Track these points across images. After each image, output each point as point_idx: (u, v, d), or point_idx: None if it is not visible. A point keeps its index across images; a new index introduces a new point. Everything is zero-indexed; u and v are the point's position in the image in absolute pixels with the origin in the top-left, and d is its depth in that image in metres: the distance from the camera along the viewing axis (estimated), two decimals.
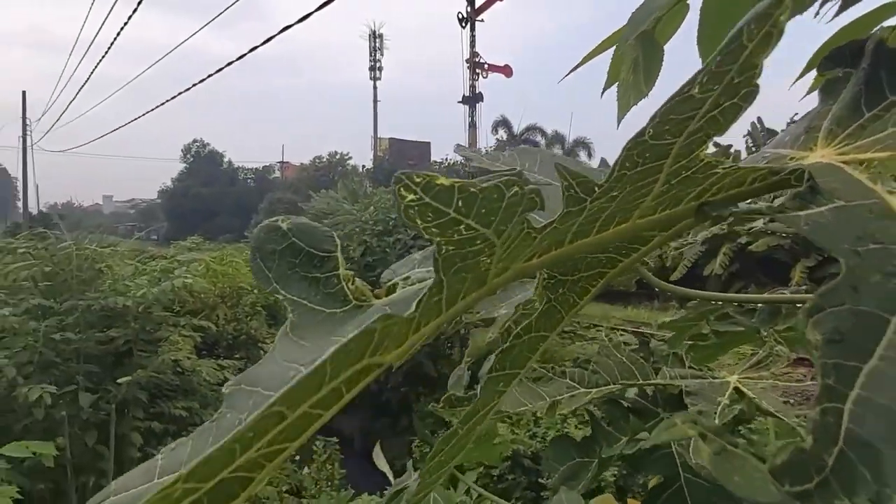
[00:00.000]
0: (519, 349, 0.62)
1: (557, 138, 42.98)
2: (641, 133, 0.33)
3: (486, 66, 29.57)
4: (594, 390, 1.12)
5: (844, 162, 0.48)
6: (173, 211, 57.39)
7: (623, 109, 0.77)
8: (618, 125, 0.77)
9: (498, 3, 28.57)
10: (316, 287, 0.48)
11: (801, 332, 0.31)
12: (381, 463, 1.77)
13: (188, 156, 59.72)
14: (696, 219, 0.42)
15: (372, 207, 11.32)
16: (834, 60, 0.65)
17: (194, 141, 60.42)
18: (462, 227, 0.30)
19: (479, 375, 0.60)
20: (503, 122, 42.47)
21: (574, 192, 0.35)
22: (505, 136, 42.59)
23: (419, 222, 0.30)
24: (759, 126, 24.48)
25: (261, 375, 0.45)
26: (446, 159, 44.79)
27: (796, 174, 0.39)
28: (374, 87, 58.63)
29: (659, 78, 0.70)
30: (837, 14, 0.64)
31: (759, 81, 0.33)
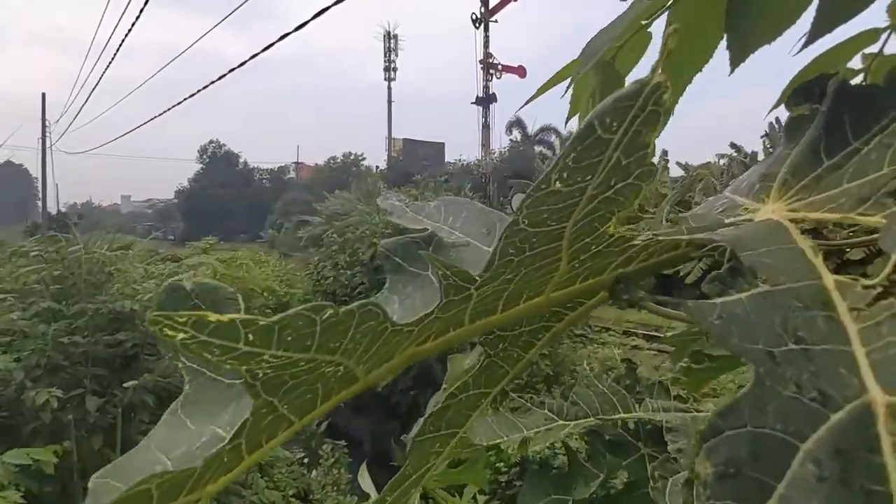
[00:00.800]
0: (455, 409, 0.58)
1: None
2: (515, 223, 0.29)
3: (499, 66, 29.49)
4: (572, 423, 1.07)
5: (793, 220, 0.43)
6: (190, 211, 58.05)
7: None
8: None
9: (512, 3, 28.49)
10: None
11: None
12: (367, 484, 1.72)
13: (204, 156, 60.38)
14: (612, 297, 0.38)
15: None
16: (802, 95, 0.60)
17: (210, 142, 61.15)
18: (267, 356, 0.26)
19: (408, 439, 0.56)
20: (517, 123, 42.32)
21: (453, 282, 0.31)
22: (519, 137, 42.46)
23: (208, 356, 0.26)
24: (777, 127, 24.13)
25: (129, 468, 0.41)
26: (460, 159, 44.82)
27: (719, 251, 0.35)
28: (389, 88, 58.82)
29: None
30: (804, 48, 0.60)
31: (655, 161, 0.29)
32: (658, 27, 0.64)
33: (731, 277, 0.34)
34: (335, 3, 9.62)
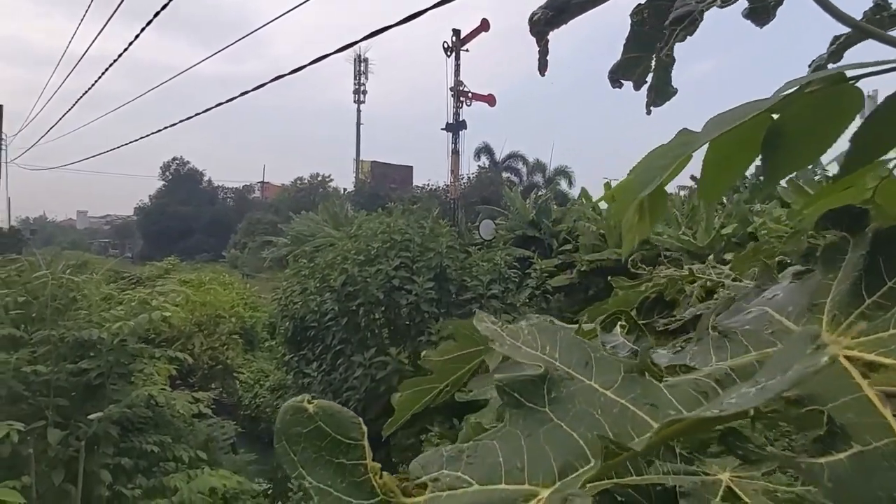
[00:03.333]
0: None
1: (539, 167, 43.55)
2: None
3: (470, 94, 29.97)
4: (588, 486, 1.12)
5: (849, 358, 0.50)
6: (149, 229, 56.64)
7: (629, 245, 0.80)
8: (624, 259, 0.80)
9: (483, 33, 29.09)
10: (342, 474, 0.48)
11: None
12: None
13: (167, 173, 59.20)
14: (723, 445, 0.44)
15: (354, 236, 11.28)
16: (831, 222, 0.68)
17: (174, 159, 60.02)
18: None
19: None
20: (485, 149, 42.97)
21: (612, 448, 0.37)
22: (487, 163, 43.04)
23: None
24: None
25: None
26: (428, 183, 45.09)
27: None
28: (358, 110, 59.06)
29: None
30: (837, 178, 0.68)
31: None
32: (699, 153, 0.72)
33: (832, 440, 0.41)
34: (337, 51, 9.54)
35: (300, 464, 0.48)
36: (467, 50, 29.48)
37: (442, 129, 29.74)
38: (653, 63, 1.13)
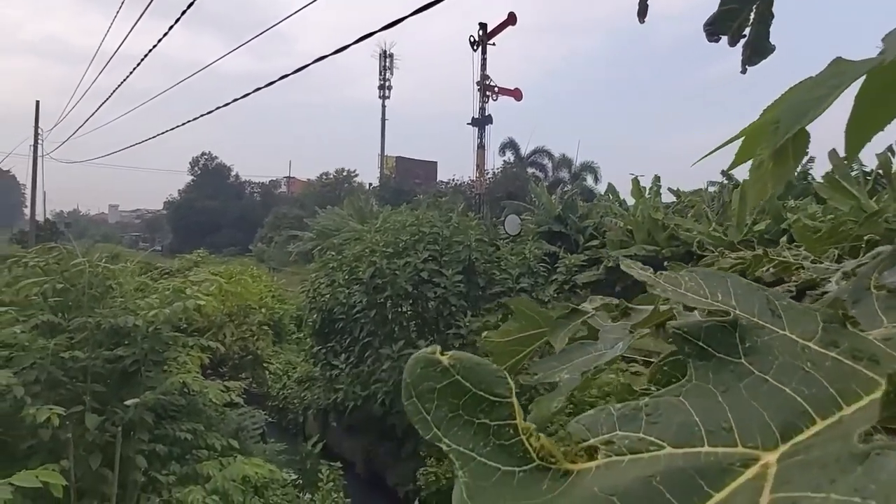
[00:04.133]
0: None
1: (565, 162, 43.09)
2: None
3: (496, 88, 29.73)
4: None
5: None
6: (178, 223, 57.51)
7: (759, 197, 0.70)
8: (750, 214, 0.70)
9: (510, 27, 28.83)
10: (486, 436, 0.41)
11: None
12: None
13: (196, 168, 60.05)
14: None
15: (382, 229, 11.26)
16: None
17: (202, 154, 60.91)
18: None
19: None
20: (510, 144, 42.66)
21: None
22: (512, 158, 42.74)
23: None
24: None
25: None
26: (453, 179, 44.94)
27: None
28: (383, 106, 59.13)
29: None
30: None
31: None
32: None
33: None
34: (359, 40, 9.46)
35: (434, 424, 0.41)
36: (494, 44, 29.26)
37: (468, 123, 29.57)
38: (751, 16, 1.03)
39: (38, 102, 29.25)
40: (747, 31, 1.08)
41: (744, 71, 1.13)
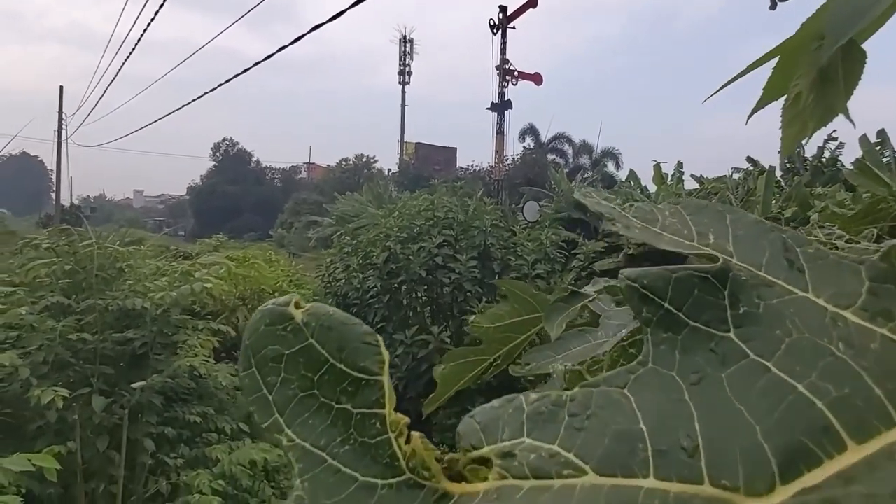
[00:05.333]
0: None
1: (585, 148, 42.51)
2: None
3: (515, 73, 29.26)
4: None
5: None
6: (200, 207, 58.19)
7: (796, 137, 0.54)
8: (782, 156, 0.55)
9: (531, 10, 28.30)
10: (344, 428, 0.27)
11: None
12: None
13: (217, 154, 60.58)
14: None
15: (397, 213, 11.14)
16: None
17: (224, 139, 61.45)
18: None
19: None
20: (530, 130, 42.18)
21: None
22: (532, 144, 42.24)
23: None
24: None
25: None
26: (472, 164, 44.57)
27: None
28: (403, 92, 58.85)
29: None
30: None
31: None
32: None
33: None
34: (352, 6, 9.52)
35: (276, 406, 0.28)
36: (514, 27, 28.78)
37: (487, 108, 29.22)
38: None
39: (61, 88, 29.66)
40: None
41: (773, 6, 0.96)
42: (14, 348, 4.78)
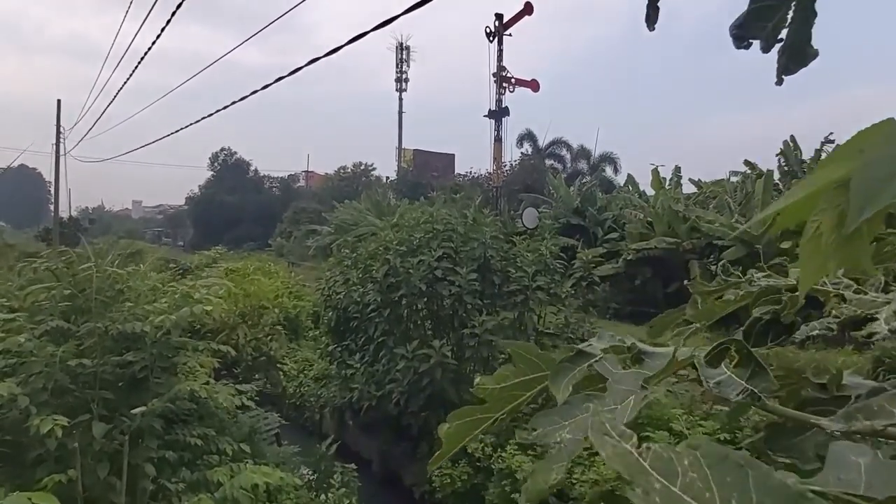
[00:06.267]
0: None
1: (583, 153, 42.52)
2: None
3: (512, 80, 29.28)
4: None
5: None
6: (199, 218, 58.08)
7: (817, 273, 0.53)
8: (801, 290, 0.53)
9: (526, 17, 28.35)
10: None
11: None
12: None
13: (216, 164, 60.50)
14: None
15: (396, 226, 11.13)
16: None
17: (222, 149, 61.32)
18: None
19: None
20: (528, 136, 42.22)
21: None
22: (530, 150, 42.23)
23: None
24: (791, 145, 23.78)
25: None
26: (470, 171, 44.55)
27: None
28: (400, 99, 58.92)
29: None
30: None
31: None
32: None
33: None
34: (375, 28, 9.38)
35: None
36: (510, 34, 28.82)
37: (484, 115, 29.23)
38: (790, 15, 0.85)
39: (59, 101, 29.63)
40: (784, 33, 0.91)
41: (779, 82, 0.95)
42: (14, 375, 4.75)
